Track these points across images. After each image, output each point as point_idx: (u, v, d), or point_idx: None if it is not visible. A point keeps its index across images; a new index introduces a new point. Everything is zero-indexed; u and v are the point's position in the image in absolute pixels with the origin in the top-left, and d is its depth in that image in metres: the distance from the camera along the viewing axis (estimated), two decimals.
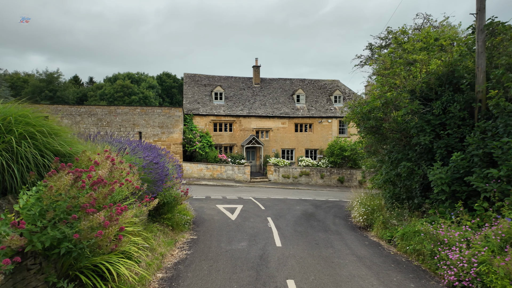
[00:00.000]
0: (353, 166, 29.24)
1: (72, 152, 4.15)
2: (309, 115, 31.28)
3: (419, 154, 8.55)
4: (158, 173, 6.58)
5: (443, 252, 5.91)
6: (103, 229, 3.18)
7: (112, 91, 65.66)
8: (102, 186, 3.41)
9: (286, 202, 17.01)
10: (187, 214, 9.78)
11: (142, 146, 8.01)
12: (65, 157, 4.05)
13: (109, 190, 3.41)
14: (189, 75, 33.05)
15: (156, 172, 6.48)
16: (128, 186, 4.38)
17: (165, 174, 7.86)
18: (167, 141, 25.41)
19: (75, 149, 4.25)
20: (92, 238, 3.14)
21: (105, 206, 3.36)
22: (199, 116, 28.72)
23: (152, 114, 25.30)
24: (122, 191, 4.27)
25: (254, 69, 33.68)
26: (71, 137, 4.59)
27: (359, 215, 11.37)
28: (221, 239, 8.74)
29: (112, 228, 3.23)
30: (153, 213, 8.59)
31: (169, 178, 8.09)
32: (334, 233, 10.06)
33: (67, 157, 4.08)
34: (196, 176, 25.91)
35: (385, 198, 10.21)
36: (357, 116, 9.51)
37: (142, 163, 6.00)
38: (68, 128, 4.74)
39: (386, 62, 14.53)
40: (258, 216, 12.48)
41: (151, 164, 6.32)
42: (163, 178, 7.08)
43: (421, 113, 8.33)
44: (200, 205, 14.93)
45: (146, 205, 5.10)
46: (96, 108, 25.00)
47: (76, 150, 4.24)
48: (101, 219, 3.07)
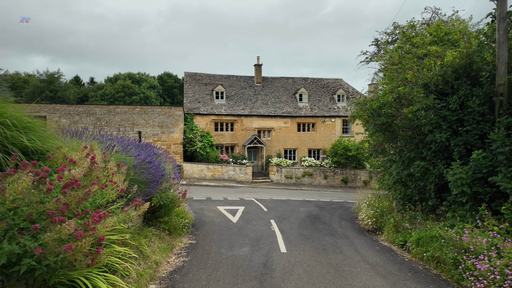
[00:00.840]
0: (357, 166, 28.60)
1: (45, 148, 3.57)
2: (312, 114, 30.66)
3: (434, 152, 7.94)
4: (151, 174, 6.01)
5: (469, 261, 5.29)
6: (75, 241, 2.60)
7: (113, 91, 65.28)
8: (75, 188, 2.83)
9: (289, 203, 16.41)
10: (186, 217, 9.19)
11: (136, 144, 7.44)
12: (35, 154, 3.48)
13: (85, 194, 2.83)
14: (190, 74, 32.50)
15: (150, 173, 5.90)
16: (112, 188, 3.81)
17: (160, 175, 7.28)
18: (167, 141, 24.85)
19: (49, 145, 3.67)
20: (60, 252, 2.57)
21: (78, 213, 2.78)
22: (199, 115, 28.16)
23: (152, 114, 24.75)
24: (105, 194, 3.70)
25: (255, 68, 33.10)
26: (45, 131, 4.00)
27: (368, 217, 10.76)
28: (222, 244, 8.14)
29: (86, 239, 2.65)
30: (149, 217, 8.00)
31: (165, 178, 7.50)
32: (342, 237, 9.44)
33: (39, 154, 3.51)
34: (197, 177, 25.34)
35: (396, 199, 9.59)
36: (367, 113, 8.91)
37: (133, 162, 5.42)
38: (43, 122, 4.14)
39: (393, 57, 13.92)
40: (260, 219, 11.88)
41: (143, 163, 5.74)
42: (158, 179, 6.50)
43: (436, 108, 7.72)
44: (200, 206, 14.35)
45: (135, 209, 4.51)
46: (95, 108, 24.48)
47: (50, 146, 3.66)
48: (71, 229, 2.49)
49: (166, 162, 8.55)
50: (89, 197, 2.90)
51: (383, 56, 14.96)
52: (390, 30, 17.31)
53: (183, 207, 9.72)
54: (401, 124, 8.41)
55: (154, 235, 7.29)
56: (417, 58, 11.49)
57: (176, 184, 8.39)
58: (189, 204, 14.76)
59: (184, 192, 8.58)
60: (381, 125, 8.64)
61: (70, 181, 2.81)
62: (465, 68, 7.82)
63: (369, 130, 10.11)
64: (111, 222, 3.14)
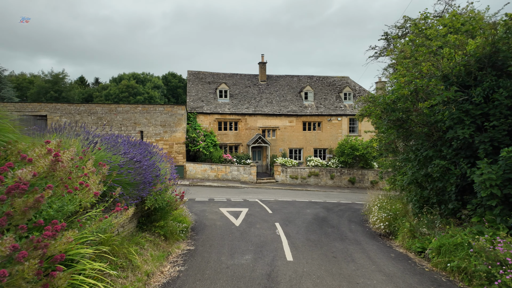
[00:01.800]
0: (365, 166, 27.78)
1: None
2: (318, 113, 29.91)
3: (456, 150, 7.21)
4: (142, 174, 5.38)
5: (507, 276, 4.58)
6: (15, 265, 1.97)
7: (117, 92, 65.12)
8: (18, 194, 2.21)
9: (295, 204, 15.72)
10: (184, 221, 8.56)
11: (128, 141, 6.83)
12: None
13: (35, 201, 2.21)
14: (193, 73, 31.94)
15: (139, 173, 5.27)
16: (86, 191, 3.19)
17: (155, 175, 6.65)
18: (170, 141, 24.30)
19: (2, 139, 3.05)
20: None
21: (23, 226, 2.15)
22: (203, 114, 27.57)
23: (154, 113, 24.22)
24: (75, 199, 3.08)
25: (260, 66, 32.43)
26: None
27: (380, 221, 10.03)
28: (222, 250, 7.50)
29: (31, 262, 2.03)
30: (143, 221, 7.39)
31: (160, 179, 6.88)
32: (353, 242, 8.74)
33: None
34: (200, 177, 24.75)
35: (411, 202, 8.85)
36: (380, 108, 8.19)
37: (119, 161, 4.79)
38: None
39: (405, 51, 13.17)
40: (265, 221, 11.22)
41: (131, 162, 5.10)
42: (150, 179, 5.88)
43: (457, 102, 6.99)
44: (202, 208, 13.74)
45: (116, 217, 3.88)
46: (96, 107, 24.02)
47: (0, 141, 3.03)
48: (6, 248, 1.87)
49: (163, 162, 7.92)
50: (41, 205, 2.28)
51: (394, 50, 14.20)
52: (400, 23, 16.54)
53: (181, 209, 9.09)
54: (417, 120, 7.70)
55: (148, 241, 6.67)
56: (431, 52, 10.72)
57: (173, 186, 7.75)
58: (190, 206, 14.16)
59: (181, 194, 7.94)
60: (395, 121, 7.92)
61: (14, 185, 2.19)
62: (490, 58, 7.08)
63: (380, 127, 9.39)
64: (71, 235, 2.50)
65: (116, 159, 4.85)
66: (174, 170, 8.99)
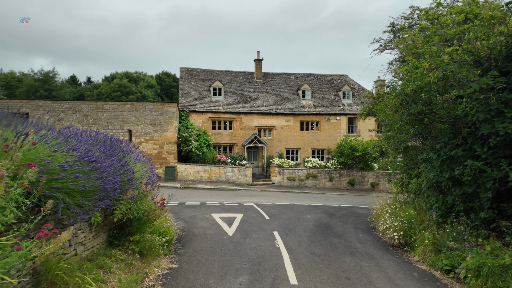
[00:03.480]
0: (364, 167, 26.65)
1: None
2: (316, 112, 28.73)
3: (493, 149, 6.03)
4: (100, 178, 4.07)
5: None
6: None
7: (109, 91, 63.52)
8: None
9: (294, 209, 14.48)
10: (167, 232, 7.25)
11: (85, 135, 5.52)
12: None
13: None
14: (186, 69, 30.59)
15: (97, 177, 3.96)
16: None
17: (127, 179, 5.36)
18: (160, 140, 22.92)
19: None
20: None
21: None
22: (196, 113, 26.23)
23: (144, 110, 22.84)
24: None
25: (255, 63, 31.19)
26: None
27: (393, 230, 8.81)
28: (212, 269, 6.21)
29: None
30: (115, 234, 6.07)
31: (135, 184, 5.59)
32: (365, 256, 7.51)
33: None
34: (192, 179, 23.40)
35: (432, 209, 7.62)
36: (396, 100, 6.95)
37: (63, 161, 3.51)
38: None
39: (416, 41, 12.02)
40: (261, 230, 9.95)
41: (83, 163, 3.81)
42: (115, 185, 4.58)
43: (496, 91, 5.80)
44: (193, 213, 12.42)
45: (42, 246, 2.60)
46: (82, 104, 22.58)
47: None
48: None
49: (140, 163, 6.61)
50: None
51: (403, 41, 13.04)
52: (406, 14, 15.40)
53: (164, 218, 7.78)
54: (442, 113, 6.50)
55: (117, 261, 5.35)
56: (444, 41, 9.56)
57: (152, 191, 6.45)
58: (179, 211, 12.85)
59: (162, 202, 6.63)
60: (416, 115, 6.72)
61: None
62: None
63: (395, 124, 8.15)
64: None
65: (59, 158, 3.57)
66: (154, 173, 7.66)
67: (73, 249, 4.56)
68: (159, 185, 7.89)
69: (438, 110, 6.61)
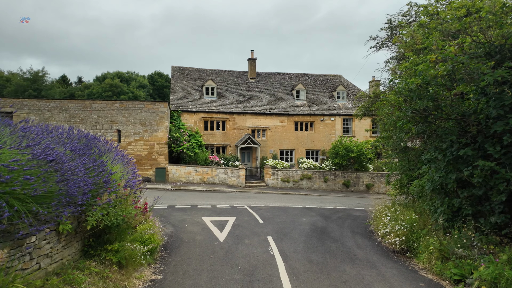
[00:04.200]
0: (359, 168, 26.23)
1: None
2: (310, 112, 28.27)
3: (507, 147, 5.55)
4: (65, 181, 3.45)
5: None
6: None
7: (100, 90, 62.41)
8: None
9: (288, 211, 13.93)
10: (152, 239, 6.62)
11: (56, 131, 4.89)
12: None
13: None
14: (178, 68, 29.89)
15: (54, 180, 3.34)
16: None
17: (103, 181, 4.74)
18: (150, 141, 22.20)
19: None
20: None
21: None
22: (187, 112, 25.55)
23: (133, 110, 22.09)
24: None
25: (249, 62, 30.63)
26: None
27: (394, 234, 8.31)
28: (199, 281, 5.62)
29: None
30: (91, 243, 5.44)
31: (112, 187, 4.97)
32: (366, 264, 6.98)
33: None
34: (184, 180, 22.71)
35: (438, 213, 7.13)
36: (401, 95, 6.43)
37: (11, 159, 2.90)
38: None
39: (416, 37, 11.59)
40: (255, 235, 9.38)
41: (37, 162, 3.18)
42: (85, 188, 3.97)
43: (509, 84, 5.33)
44: (182, 217, 11.80)
45: None
46: (69, 103, 21.76)
47: None
48: None
49: (119, 163, 5.98)
50: None
51: (401, 37, 12.60)
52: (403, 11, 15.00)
53: (149, 224, 7.15)
54: (450, 110, 6.02)
55: (91, 274, 4.73)
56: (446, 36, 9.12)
57: (132, 195, 5.82)
58: (168, 214, 12.21)
59: (145, 206, 6.01)
60: (421, 111, 6.22)
61: None
62: None
63: (397, 121, 7.65)
64: None
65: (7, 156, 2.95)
66: (136, 174, 7.02)
67: (35, 263, 3.93)
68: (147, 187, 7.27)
69: (445, 107, 6.12)
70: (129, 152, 21.91)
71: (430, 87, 5.98)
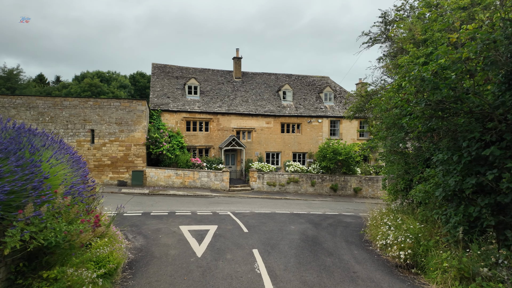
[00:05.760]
0: (347, 172, 25.45)
1: None
2: (297, 114, 27.33)
3: None
4: None
5: None
6: None
7: (79, 90, 59.86)
8: None
9: (276, 218, 12.79)
10: (109, 259, 5.31)
11: None
12: None
13: None
14: (158, 66, 28.40)
15: None
16: None
17: (32, 187, 3.46)
18: (127, 141, 20.63)
19: None
20: None
21: None
22: (168, 112, 24.11)
23: (108, 108, 20.50)
24: None
25: (234, 61, 29.48)
26: None
27: (398, 247, 7.28)
28: None
29: None
30: (22, 269, 4.11)
31: (44, 194, 3.68)
32: (369, 284, 5.90)
33: None
34: (163, 184, 21.23)
35: (451, 223, 6.13)
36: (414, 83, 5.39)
37: None
38: None
39: (414, 29, 10.75)
40: (238, 247, 8.17)
41: None
42: None
43: None
44: (157, 226, 10.46)
45: None
46: (37, 100, 19.95)
47: None
48: None
49: (62, 163, 4.65)
50: None
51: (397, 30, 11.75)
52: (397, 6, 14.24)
53: (109, 239, 5.83)
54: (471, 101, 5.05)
55: None
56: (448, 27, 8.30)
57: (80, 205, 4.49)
58: (142, 223, 10.84)
59: (95, 220, 4.71)
60: (437, 103, 5.21)
61: None
62: None
63: (403, 119, 6.64)
64: None
65: None
66: (86, 177, 5.69)
67: None
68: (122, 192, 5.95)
69: (465, 98, 5.12)
70: (103, 154, 20.29)
71: (450, 74, 4.98)
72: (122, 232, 9.42)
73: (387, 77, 14.72)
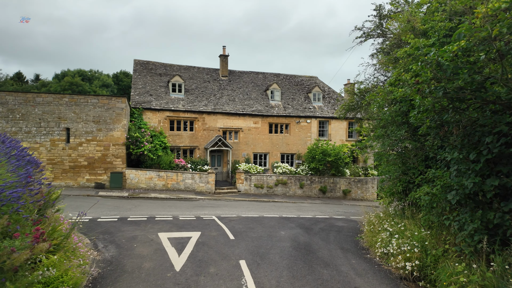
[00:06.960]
0: (336, 173, 24.85)
1: None
2: (286, 114, 26.56)
3: None
4: None
5: None
6: None
7: (59, 89, 57.58)
8: None
9: (264, 223, 11.90)
10: (64, 279, 4.28)
11: None
12: None
13: None
14: (141, 62, 27.13)
15: None
16: None
17: None
18: (105, 141, 19.32)
19: None
20: None
21: None
22: (151, 111, 22.90)
23: (86, 105, 19.16)
24: None
25: (221, 59, 28.49)
26: None
27: (403, 257, 6.49)
28: None
29: None
30: None
31: None
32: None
33: None
34: (144, 187, 20.01)
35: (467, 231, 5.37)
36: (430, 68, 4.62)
37: None
38: None
39: (413, 20, 10.09)
40: (224, 258, 7.23)
41: None
42: None
43: None
44: (133, 233, 9.40)
45: None
46: (7, 95, 18.43)
47: None
48: None
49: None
50: None
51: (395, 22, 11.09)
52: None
53: (70, 252, 4.80)
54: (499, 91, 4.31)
55: None
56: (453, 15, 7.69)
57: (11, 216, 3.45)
58: (116, 230, 9.75)
59: (35, 234, 3.68)
60: (458, 91, 4.45)
61: None
62: None
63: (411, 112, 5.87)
64: None
65: None
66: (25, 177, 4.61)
67: None
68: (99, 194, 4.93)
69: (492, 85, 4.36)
70: (79, 154, 18.93)
71: (476, 56, 4.21)
72: (92, 241, 8.35)
73: (380, 75, 14.07)
